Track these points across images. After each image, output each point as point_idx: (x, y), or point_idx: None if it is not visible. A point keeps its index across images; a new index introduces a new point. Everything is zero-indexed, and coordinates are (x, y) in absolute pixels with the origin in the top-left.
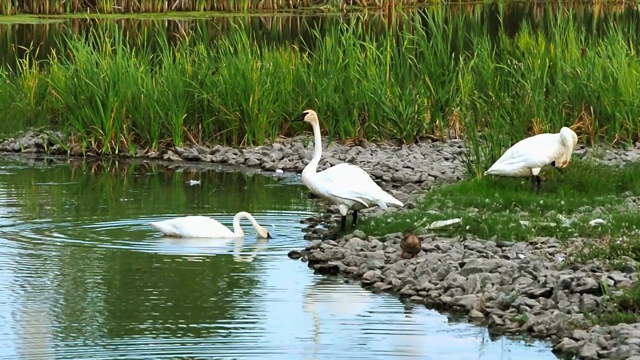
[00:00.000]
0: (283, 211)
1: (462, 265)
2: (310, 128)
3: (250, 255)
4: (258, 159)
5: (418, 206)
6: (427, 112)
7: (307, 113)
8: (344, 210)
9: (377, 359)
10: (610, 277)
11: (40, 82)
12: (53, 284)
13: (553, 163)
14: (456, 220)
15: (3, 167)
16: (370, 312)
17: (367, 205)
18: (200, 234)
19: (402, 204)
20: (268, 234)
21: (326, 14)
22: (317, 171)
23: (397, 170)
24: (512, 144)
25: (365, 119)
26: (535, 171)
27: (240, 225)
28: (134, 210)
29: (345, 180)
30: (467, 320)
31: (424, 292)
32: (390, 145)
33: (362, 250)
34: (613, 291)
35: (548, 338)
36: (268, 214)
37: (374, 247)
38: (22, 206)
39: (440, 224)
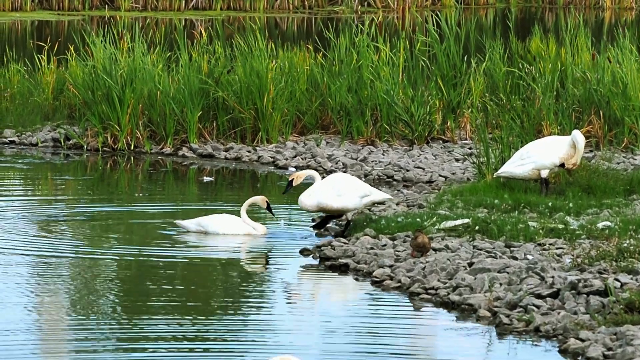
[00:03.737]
0: (294, 209)
1: (470, 264)
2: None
3: (261, 252)
4: (271, 157)
5: (428, 206)
6: (439, 114)
7: (293, 179)
8: (350, 216)
9: (386, 357)
10: (617, 279)
11: (58, 77)
12: (66, 278)
13: (562, 165)
14: (466, 220)
15: (20, 161)
16: (379, 309)
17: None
18: (226, 231)
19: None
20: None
21: (341, 15)
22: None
23: (408, 170)
24: (521, 147)
25: (377, 119)
26: (544, 173)
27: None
28: (149, 206)
29: (352, 191)
30: (474, 319)
31: (432, 291)
32: (401, 145)
33: (372, 248)
34: (619, 293)
35: (554, 338)
36: (280, 211)
37: (384, 245)
38: (38, 199)
39: (449, 224)
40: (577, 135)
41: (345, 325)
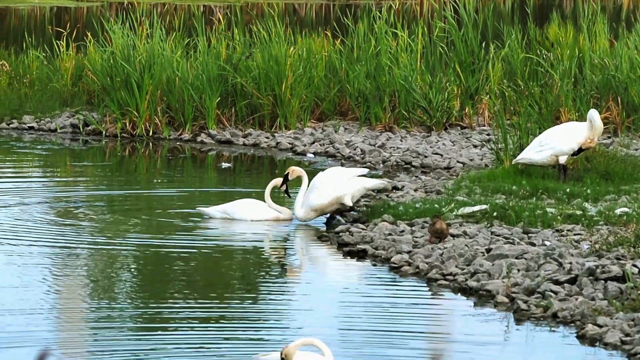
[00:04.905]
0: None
1: (488, 251)
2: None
3: (279, 237)
4: (289, 143)
5: (446, 192)
6: (457, 100)
7: (289, 173)
8: (350, 201)
9: (404, 342)
10: (635, 265)
11: (77, 63)
12: (87, 264)
13: (579, 151)
14: (484, 206)
15: (39, 147)
16: (397, 295)
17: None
18: (253, 217)
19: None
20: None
21: (359, 2)
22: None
23: (426, 157)
24: (539, 133)
25: (395, 105)
26: (562, 159)
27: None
28: (168, 192)
29: (336, 181)
30: (492, 305)
31: (450, 277)
32: (419, 131)
33: (390, 234)
34: (637, 279)
35: (572, 324)
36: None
37: (402, 231)
38: (57, 185)
39: (467, 210)
40: (593, 113)
41: (363, 310)
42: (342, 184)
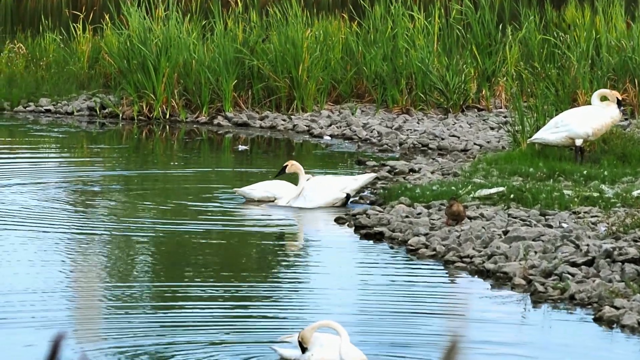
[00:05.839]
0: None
1: (505, 233)
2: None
3: (296, 220)
4: (306, 126)
5: (463, 174)
6: (474, 82)
7: (287, 166)
8: (352, 192)
9: (421, 324)
10: None
11: (93, 46)
12: (102, 244)
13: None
14: (500, 188)
15: (56, 130)
16: (414, 278)
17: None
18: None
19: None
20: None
21: None
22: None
23: (443, 139)
24: (556, 115)
25: (412, 87)
26: (579, 142)
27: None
28: (183, 173)
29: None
30: (509, 287)
31: (467, 259)
32: (436, 114)
33: (407, 217)
34: None
35: (589, 306)
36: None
37: (419, 214)
38: (73, 168)
39: (484, 192)
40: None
41: (380, 292)
42: (327, 195)
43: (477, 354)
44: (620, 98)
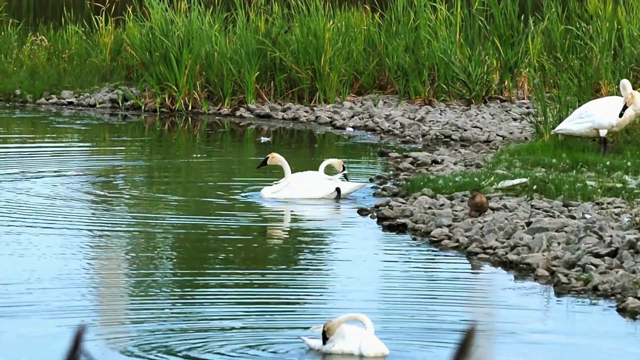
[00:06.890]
0: (353, 169)
1: (528, 224)
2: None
3: (320, 212)
4: (329, 117)
5: (486, 165)
6: (496, 73)
7: (268, 157)
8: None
9: (444, 315)
10: None
11: (115, 38)
12: (125, 236)
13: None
14: (523, 179)
15: (78, 122)
16: (437, 269)
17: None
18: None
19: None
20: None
21: None
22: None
23: (465, 130)
24: (579, 106)
25: (434, 79)
26: (603, 132)
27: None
28: (207, 166)
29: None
30: (532, 278)
31: (490, 250)
32: (459, 105)
33: (430, 208)
34: None
35: (613, 297)
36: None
37: (442, 205)
38: (96, 160)
39: (507, 183)
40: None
41: (404, 283)
42: (315, 187)
43: (501, 344)
44: None
